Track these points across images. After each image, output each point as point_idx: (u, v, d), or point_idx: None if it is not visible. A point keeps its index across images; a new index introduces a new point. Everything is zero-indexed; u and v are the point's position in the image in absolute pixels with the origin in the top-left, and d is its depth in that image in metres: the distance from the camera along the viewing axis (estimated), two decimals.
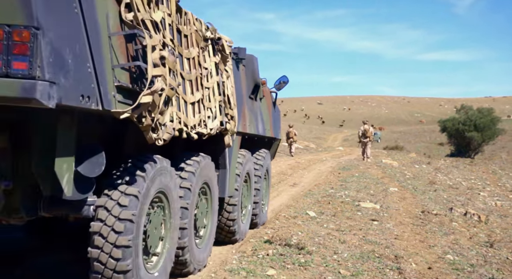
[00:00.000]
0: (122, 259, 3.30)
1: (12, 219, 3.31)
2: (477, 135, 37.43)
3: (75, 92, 2.68)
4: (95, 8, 2.90)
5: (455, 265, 5.78)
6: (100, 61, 2.92)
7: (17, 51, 2.45)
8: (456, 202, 11.05)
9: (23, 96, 2.43)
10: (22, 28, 2.43)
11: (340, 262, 5.40)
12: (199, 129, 4.25)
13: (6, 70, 2.44)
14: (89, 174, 3.16)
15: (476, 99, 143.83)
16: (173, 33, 3.83)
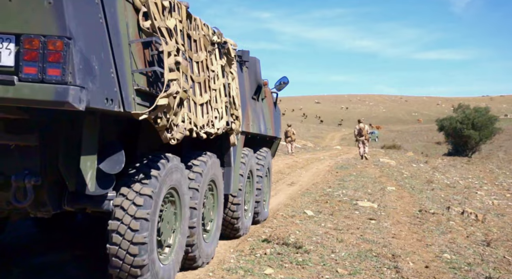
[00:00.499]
0: (138, 255, 3.53)
1: (39, 212, 3.52)
2: (475, 134, 37.53)
3: (100, 96, 2.93)
4: (117, 17, 3.15)
5: (452, 264, 5.80)
6: (122, 67, 3.16)
7: (52, 59, 2.68)
8: (454, 201, 11.09)
9: (57, 100, 2.68)
10: (56, 38, 2.67)
11: (337, 261, 5.42)
12: (207, 129, 4.46)
13: (41, 77, 2.68)
14: (110, 171, 3.42)
15: (474, 98, 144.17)
16: (183, 38, 4.06)
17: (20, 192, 3.20)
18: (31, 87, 2.69)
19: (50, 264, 4.73)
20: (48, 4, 2.66)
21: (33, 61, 2.69)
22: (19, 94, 2.68)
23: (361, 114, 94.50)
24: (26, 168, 3.21)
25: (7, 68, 2.70)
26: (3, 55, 2.70)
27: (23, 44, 2.68)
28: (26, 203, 3.21)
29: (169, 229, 4.08)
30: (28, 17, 2.68)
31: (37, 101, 2.71)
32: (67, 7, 2.69)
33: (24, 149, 3.23)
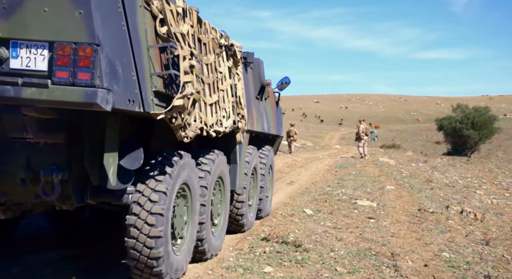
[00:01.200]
0: (155, 248, 3.79)
1: (65, 205, 3.80)
2: (474, 134, 37.50)
3: (124, 97, 3.18)
4: (137, 24, 3.41)
5: (451, 263, 5.81)
6: (141, 70, 3.42)
7: (82, 64, 2.94)
8: (453, 200, 11.10)
9: (87, 101, 2.94)
10: (86, 45, 2.93)
11: (336, 259, 5.42)
12: (216, 127, 4.72)
13: (72, 80, 2.94)
14: (130, 167, 3.70)
15: (473, 98, 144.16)
16: (195, 42, 4.32)
17: (48, 186, 3.45)
18: (63, 90, 2.94)
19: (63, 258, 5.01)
20: (78, 14, 2.92)
21: (65, 66, 2.94)
22: (52, 96, 2.93)
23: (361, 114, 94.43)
24: (53, 163, 3.46)
25: (41, 72, 2.94)
26: (37, 60, 2.96)
27: (56, 50, 2.93)
28: (53, 196, 3.47)
29: (182, 222, 4.34)
30: (61, 26, 2.93)
31: (69, 102, 2.97)
32: (96, 16, 2.95)
33: (52, 146, 3.47)
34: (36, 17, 2.93)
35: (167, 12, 3.75)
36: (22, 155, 3.49)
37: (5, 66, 2.96)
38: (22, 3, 2.93)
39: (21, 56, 2.97)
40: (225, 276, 4.58)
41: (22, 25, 2.94)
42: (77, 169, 3.61)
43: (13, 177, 3.53)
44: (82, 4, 2.93)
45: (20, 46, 2.96)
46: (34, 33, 2.95)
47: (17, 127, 3.35)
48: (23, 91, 2.94)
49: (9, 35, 2.95)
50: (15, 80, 2.94)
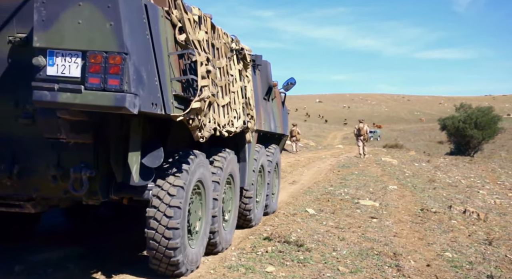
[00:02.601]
0: (172, 238, 4.10)
1: (91, 200, 4.03)
2: (478, 133, 37.43)
3: (148, 101, 3.46)
4: (159, 33, 3.72)
5: (453, 263, 5.79)
6: (163, 76, 3.71)
7: (112, 71, 3.21)
8: (455, 200, 11.06)
9: (116, 105, 3.21)
10: (116, 54, 3.21)
11: (339, 259, 5.41)
12: (228, 128, 4.98)
13: (103, 86, 3.20)
14: (151, 165, 4.00)
15: (476, 97, 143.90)
16: (209, 47, 4.57)
17: (77, 183, 3.71)
18: (95, 94, 3.21)
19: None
20: (109, 25, 3.20)
21: (96, 73, 3.21)
22: (85, 101, 3.21)
23: (363, 114, 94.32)
24: (82, 161, 3.72)
25: (75, 79, 3.21)
26: (71, 68, 3.22)
27: (88, 59, 3.20)
28: (82, 192, 3.72)
29: (196, 218, 4.65)
30: (93, 36, 3.21)
31: (100, 106, 3.25)
32: (124, 27, 3.22)
33: (81, 145, 3.73)
34: (71, 29, 3.21)
35: (185, 21, 4.04)
36: (54, 153, 3.77)
37: (43, 73, 3.22)
38: (58, 16, 3.21)
39: (57, 64, 3.23)
40: (227, 276, 4.58)
41: (58, 36, 3.21)
42: (103, 166, 3.86)
43: (45, 174, 3.78)
44: (112, 17, 3.20)
45: (56, 54, 3.23)
46: (69, 43, 3.22)
47: (52, 129, 3.60)
48: (58, 96, 3.20)
49: (46, 45, 3.21)
50: (52, 86, 3.21)
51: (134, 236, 5.58)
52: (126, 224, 6.84)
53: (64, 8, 3.21)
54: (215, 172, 5.06)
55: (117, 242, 5.72)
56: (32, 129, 3.71)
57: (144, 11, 3.52)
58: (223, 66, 4.95)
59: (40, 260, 4.84)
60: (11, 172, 3.78)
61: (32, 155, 3.80)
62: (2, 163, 3.78)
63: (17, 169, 3.80)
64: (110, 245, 5.61)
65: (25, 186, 3.87)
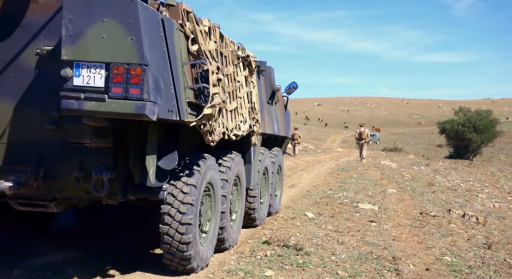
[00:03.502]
0: (185, 233, 4.38)
1: (111, 200, 4.32)
2: (477, 137, 37.42)
3: (165, 108, 3.75)
4: (174, 44, 4.01)
5: (452, 267, 5.79)
6: (178, 84, 4.00)
7: (133, 81, 3.49)
8: (455, 203, 11.06)
9: (137, 112, 3.50)
10: (137, 65, 3.49)
11: (338, 263, 5.41)
12: (235, 131, 5.25)
13: (125, 95, 3.49)
14: (166, 167, 4.28)
15: (475, 101, 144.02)
16: (217, 55, 4.84)
17: (98, 184, 4.00)
18: (118, 103, 3.50)
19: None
20: (131, 40, 3.49)
21: (119, 83, 3.50)
22: (108, 108, 3.50)
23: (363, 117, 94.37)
24: (103, 164, 3.99)
25: (99, 88, 3.49)
26: (96, 78, 3.50)
27: (111, 70, 3.49)
28: (103, 192, 4.01)
29: (207, 218, 4.95)
30: (116, 49, 3.50)
31: (122, 114, 3.54)
32: (144, 41, 3.51)
33: (102, 149, 3.99)
34: (96, 43, 3.50)
35: (197, 32, 4.35)
36: (76, 157, 4.04)
37: (70, 84, 3.51)
38: (84, 31, 3.50)
39: (83, 75, 3.51)
40: None
41: (84, 49, 3.50)
42: (122, 169, 4.15)
43: (68, 176, 4.06)
44: (133, 31, 3.50)
45: (82, 66, 3.51)
46: (94, 56, 3.50)
47: (78, 134, 3.87)
48: (84, 105, 3.50)
49: (73, 57, 3.50)
50: (78, 95, 3.50)
51: (144, 235, 6.09)
52: (135, 224, 7.11)
53: (90, 24, 3.50)
54: (224, 170, 5.36)
55: (127, 241, 5.95)
56: (57, 135, 3.99)
57: (161, 25, 3.83)
58: (231, 73, 5.21)
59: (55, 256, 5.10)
60: (37, 174, 4.06)
61: (56, 158, 4.07)
62: (29, 165, 4.05)
63: (43, 171, 4.07)
64: (120, 244, 5.83)
65: (49, 187, 4.14)
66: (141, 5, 3.57)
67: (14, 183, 4.04)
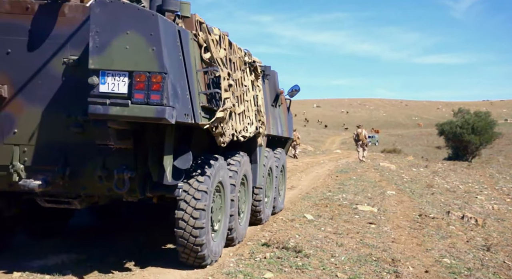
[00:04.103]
0: (199, 236, 4.71)
1: (130, 197, 4.66)
2: (475, 139, 37.44)
3: (182, 112, 4.08)
4: (189, 53, 4.34)
5: (452, 269, 5.79)
6: (193, 90, 4.33)
7: (154, 88, 3.83)
8: (454, 205, 11.06)
9: (157, 116, 3.84)
10: (157, 73, 3.83)
11: (337, 265, 5.41)
12: (243, 133, 5.55)
13: (146, 100, 3.83)
14: (182, 167, 4.60)
15: (474, 102, 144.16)
16: (227, 62, 5.18)
17: (120, 182, 4.31)
18: (140, 108, 3.83)
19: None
20: (152, 50, 3.84)
21: (141, 89, 3.83)
22: (131, 113, 3.84)
23: (362, 119, 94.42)
24: (124, 164, 4.31)
25: (123, 95, 3.83)
26: (120, 85, 3.83)
27: (134, 78, 3.82)
28: (124, 190, 4.32)
29: (217, 214, 5.26)
30: (138, 59, 3.83)
31: (144, 118, 3.88)
32: (164, 51, 3.85)
33: (123, 150, 4.32)
34: (120, 53, 3.83)
35: (209, 41, 4.70)
36: (100, 157, 4.35)
37: (96, 90, 3.83)
38: (109, 43, 3.83)
39: (108, 82, 3.84)
40: None
41: (110, 59, 3.83)
42: (141, 168, 4.47)
43: (92, 174, 4.38)
44: (154, 43, 3.83)
45: (107, 74, 3.84)
46: (118, 65, 3.83)
47: (103, 136, 4.15)
48: (110, 109, 3.83)
49: (99, 66, 3.83)
50: (104, 101, 3.82)
51: (155, 232, 6.46)
52: (146, 222, 7.48)
53: (114, 36, 3.84)
54: (231, 175, 5.62)
55: (138, 239, 6.21)
56: (82, 137, 4.31)
57: (177, 36, 4.16)
58: (239, 78, 5.51)
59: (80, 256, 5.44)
60: (63, 173, 4.38)
61: (81, 158, 4.39)
62: (56, 165, 4.37)
63: (69, 170, 4.39)
64: (131, 241, 6.12)
65: (74, 185, 4.47)
66: (161, 18, 3.91)
67: (43, 181, 4.34)
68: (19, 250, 5.56)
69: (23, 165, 4.39)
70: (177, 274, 4.84)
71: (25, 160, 4.39)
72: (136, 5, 3.99)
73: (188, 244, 4.74)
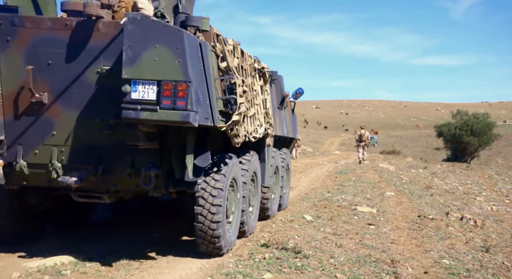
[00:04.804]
0: (216, 230, 5.20)
1: (155, 193, 5.19)
2: (474, 140, 37.43)
3: (203, 116, 4.60)
4: (208, 63, 4.86)
5: (451, 270, 5.79)
6: (212, 96, 4.85)
7: (179, 95, 4.34)
8: (452, 206, 11.07)
9: (183, 120, 4.38)
10: (183, 82, 4.35)
11: (336, 266, 5.41)
12: (254, 134, 6.08)
13: (173, 106, 4.35)
14: (201, 165, 5.12)
15: (472, 104, 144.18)
16: (240, 69, 5.66)
17: (147, 179, 4.83)
18: (167, 113, 4.35)
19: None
20: (177, 62, 4.36)
21: (168, 96, 4.33)
22: (159, 117, 4.36)
23: (361, 120, 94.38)
24: (150, 162, 4.83)
25: (152, 101, 4.34)
26: (149, 93, 4.35)
27: (162, 86, 4.33)
28: (150, 186, 4.85)
29: (231, 208, 5.74)
30: (165, 69, 4.35)
31: (170, 121, 4.41)
32: (188, 62, 4.37)
33: (149, 150, 4.82)
34: (149, 64, 4.35)
35: (225, 52, 5.22)
36: (129, 157, 4.88)
37: (128, 97, 4.34)
38: (140, 55, 4.34)
39: (139, 90, 4.35)
40: None
41: (140, 70, 4.34)
42: (165, 166, 4.98)
43: (122, 172, 4.91)
44: (180, 55, 4.36)
45: (138, 83, 4.35)
46: (148, 75, 4.35)
47: (133, 138, 4.67)
48: (140, 114, 4.35)
49: (131, 76, 4.35)
50: (135, 107, 4.34)
51: (153, 233, 6.72)
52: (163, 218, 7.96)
53: (145, 49, 4.35)
54: (243, 174, 6.07)
55: (137, 239, 6.44)
56: (113, 138, 4.82)
57: (199, 48, 4.68)
58: (249, 83, 5.97)
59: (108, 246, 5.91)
60: (96, 171, 4.89)
61: (112, 158, 4.90)
62: (90, 164, 4.88)
63: (101, 168, 4.89)
64: (130, 242, 6.27)
65: (106, 182, 5.00)
66: (186, 33, 4.44)
67: (78, 178, 4.89)
68: (18, 250, 5.55)
69: (61, 163, 4.90)
70: (176, 274, 4.84)
71: (62, 159, 4.91)
72: (163, 22, 4.51)
73: (207, 237, 5.22)
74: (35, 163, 4.91)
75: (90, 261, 5.22)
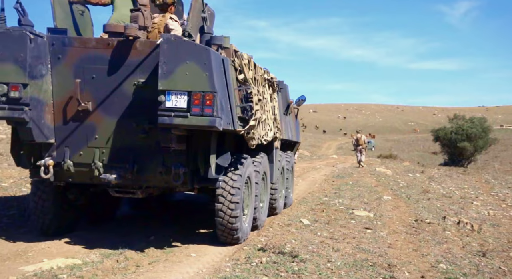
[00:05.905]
0: (234, 223, 6.01)
1: (182, 188, 6.15)
2: (469, 145, 37.44)
3: (226, 122, 5.34)
4: (229, 75, 5.60)
5: (448, 274, 5.79)
6: (232, 104, 5.59)
7: (207, 104, 5.07)
8: (449, 211, 11.07)
9: (210, 125, 5.12)
10: (210, 92, 5.09)
11: (333, 270, 5.40)
12: (265, 137, 6.82)
13: (201, 113, 5.08)
14: (223, 164, 5.87)
15: (469, 108, 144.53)
16: (253, 80, 6.37)
17: (176, 176, 5.58)
18: (197, 119, 5.08)
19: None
20: (205, 75, 5.10)
21: (197, 105, 5.06)
22: (190, 122, 5.10)
23: (358, 124, 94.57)
24: (179, 161, 5.58)
25: (183, 109, 5.07)
26: (181, 102, 5.07)
27: (192, 96, 5.07)
28: (179, 182, 5.61)
29: (247, 203, 6.50)
30: (195, 82, 5.09)
31: (199, 126, 5.15)
32: (214, 76, 5.12)
33: (178, 150, 5.55)
34: (181, 77, 5.08)
35: (243, 65, 6.05)
36: (160, 156, 5.60)
37: (163, 106, 5.07)
38: (174, 70, 5.08)
39: (172, 99, 5.07)
40: None
41: (174, 82, 5.07)
42: (192, 165, 5.72)
43: (154, 170, 5.66)
44: (207, 69, 5.10)
45: (172, 94, 5.08)
46: (180, 86, 5.07)
47: (167, 140, 5.37)
48: (174, 120, 5.08)
49: (166, 88, 5.08)
50: (169, 114, 5.07)
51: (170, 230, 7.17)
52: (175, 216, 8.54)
53: (178, 65, 5.08)
54: (256, 166, 6.76)
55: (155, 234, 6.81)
56: (147, 141, 5.56)
57: (222, 63, 5.40)
58: (261, 92, 6.66)
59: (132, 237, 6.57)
60: (132, 169, 5.61)
61: (146, 157, 5.62)
62: (127, 163, 5.60)
63: (136, 167, 5.62)
64: (150, 236, 6.70)
65: (140, 179, 5.73)
66: (212, 51, 5.20)
67: (117, 175, 5.57)
68: (15, 254, 5.54)
69: (102, 163, 5.62)
70: (174, 278, 4.83)
71: (103, 159, 5.63)
72: (193, 42, 5.27)
73: (226, 229, 6.01)
74: (80, 162, 5.65)
75: (86, 265, 5.20)
